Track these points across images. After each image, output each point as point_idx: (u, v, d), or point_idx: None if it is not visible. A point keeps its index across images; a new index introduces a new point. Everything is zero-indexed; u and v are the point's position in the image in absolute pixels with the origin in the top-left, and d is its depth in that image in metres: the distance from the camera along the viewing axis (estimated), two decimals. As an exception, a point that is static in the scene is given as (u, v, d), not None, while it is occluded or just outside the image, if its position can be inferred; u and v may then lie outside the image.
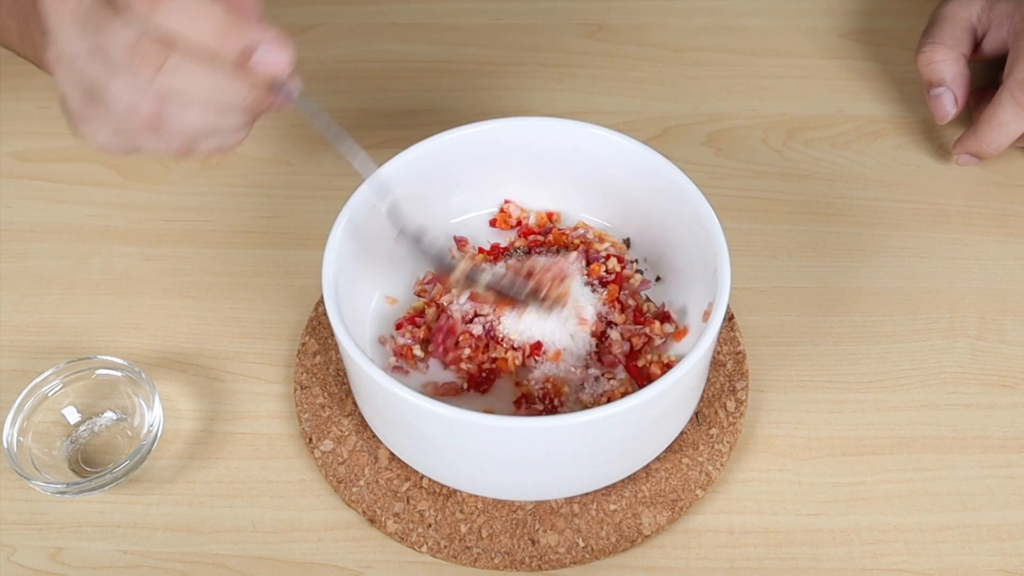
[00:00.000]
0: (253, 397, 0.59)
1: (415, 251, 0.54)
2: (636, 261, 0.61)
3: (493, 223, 0.62)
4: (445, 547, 0.52)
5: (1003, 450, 0.56)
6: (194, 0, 0.42)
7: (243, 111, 0.46)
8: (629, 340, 0.56)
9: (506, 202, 0.63)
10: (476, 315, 0.56)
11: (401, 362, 0.56)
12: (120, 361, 0.57)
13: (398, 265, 0.60)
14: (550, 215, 0.62)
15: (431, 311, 0.58)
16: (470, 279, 0.55)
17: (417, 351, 0.56)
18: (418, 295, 0.59)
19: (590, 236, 0.61)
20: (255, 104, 0.46)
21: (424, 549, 0.52)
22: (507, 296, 0.55)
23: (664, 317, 0.57)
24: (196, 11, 0.42)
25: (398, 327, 0.58)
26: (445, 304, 0.57)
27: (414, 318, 0.58)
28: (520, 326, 0.55)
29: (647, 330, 0.56)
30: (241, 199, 0.69)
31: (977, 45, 0.69)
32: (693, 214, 0.55)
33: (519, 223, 0.62)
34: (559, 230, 0.61)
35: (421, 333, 0.57)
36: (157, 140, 0.46)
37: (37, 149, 0.73)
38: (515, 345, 0.55)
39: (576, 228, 0.62)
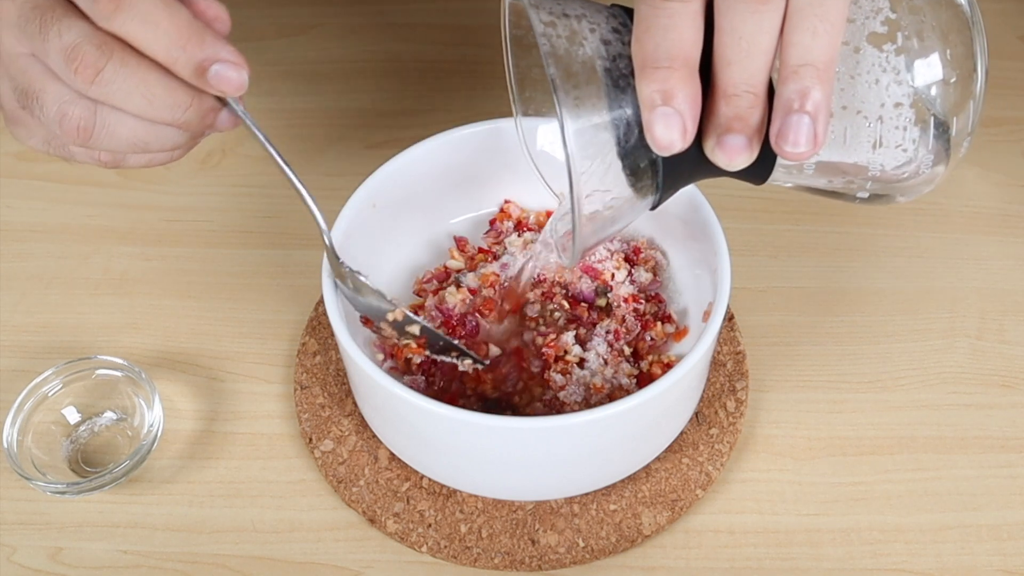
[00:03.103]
0: (253, 397, 0.59)
1: (350, 294, 0.52)
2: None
3: (493, 223, 0.62)
4: (445, 547, 0.52)
5: (1003, 450, 0.56)
6: (159, 4, 0.40)
7: (179, 129, 0.44)
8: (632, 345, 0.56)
9: (506, 202, 0.63)
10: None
11: (392, 362, 0.56)
12: (120, 361, 0.57)
13: (398, 265, 0.60)
14: (550, 215, 0.62)
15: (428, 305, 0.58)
16: (400, 328, 0.53)
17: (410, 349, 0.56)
18: (417, 295, 0.59)
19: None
20: (192, 122, 0.43)
21: (424, 549, 0.52)
22: (437, 344, 0.54)
23: (664, 317, 0.57)
24: (159, 16, 0.40)
25: None
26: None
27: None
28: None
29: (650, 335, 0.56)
30: (241, 199, 0.69)
31: None
32: (693, 214, 0.55)
33: (519, 223, 0.62)
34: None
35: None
36: (86, 151, 0.45)
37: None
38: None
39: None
